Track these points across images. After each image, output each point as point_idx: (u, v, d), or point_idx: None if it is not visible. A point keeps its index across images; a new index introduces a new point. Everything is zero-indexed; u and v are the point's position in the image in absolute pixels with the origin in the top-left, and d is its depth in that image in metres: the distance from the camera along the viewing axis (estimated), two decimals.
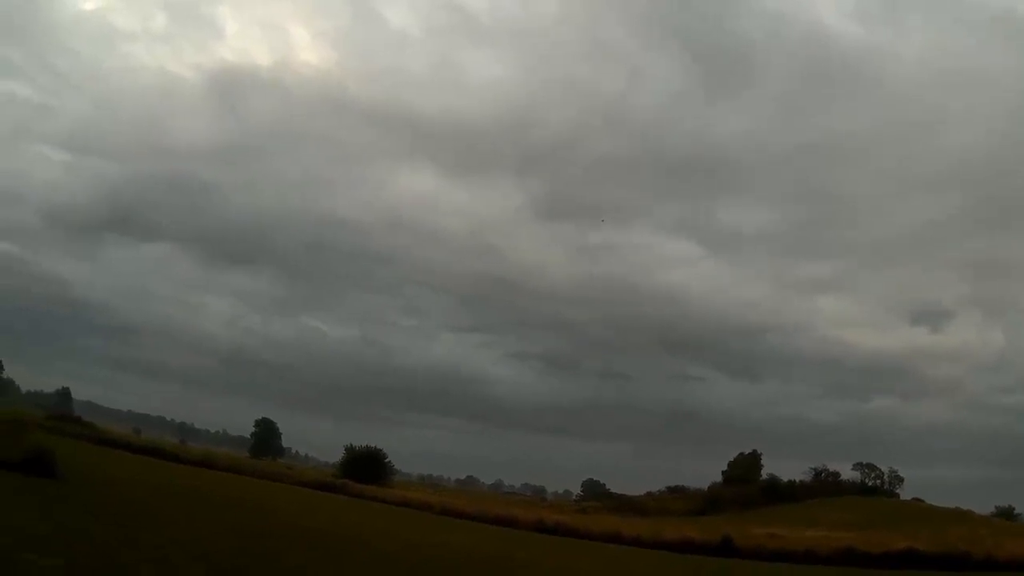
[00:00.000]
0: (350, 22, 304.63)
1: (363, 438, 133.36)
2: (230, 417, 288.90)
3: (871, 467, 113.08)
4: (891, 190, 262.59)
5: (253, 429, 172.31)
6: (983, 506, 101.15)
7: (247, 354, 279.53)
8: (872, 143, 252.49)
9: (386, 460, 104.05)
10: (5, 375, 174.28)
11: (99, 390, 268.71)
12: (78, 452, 48.85)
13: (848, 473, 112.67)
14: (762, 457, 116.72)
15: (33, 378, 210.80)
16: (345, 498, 72.29)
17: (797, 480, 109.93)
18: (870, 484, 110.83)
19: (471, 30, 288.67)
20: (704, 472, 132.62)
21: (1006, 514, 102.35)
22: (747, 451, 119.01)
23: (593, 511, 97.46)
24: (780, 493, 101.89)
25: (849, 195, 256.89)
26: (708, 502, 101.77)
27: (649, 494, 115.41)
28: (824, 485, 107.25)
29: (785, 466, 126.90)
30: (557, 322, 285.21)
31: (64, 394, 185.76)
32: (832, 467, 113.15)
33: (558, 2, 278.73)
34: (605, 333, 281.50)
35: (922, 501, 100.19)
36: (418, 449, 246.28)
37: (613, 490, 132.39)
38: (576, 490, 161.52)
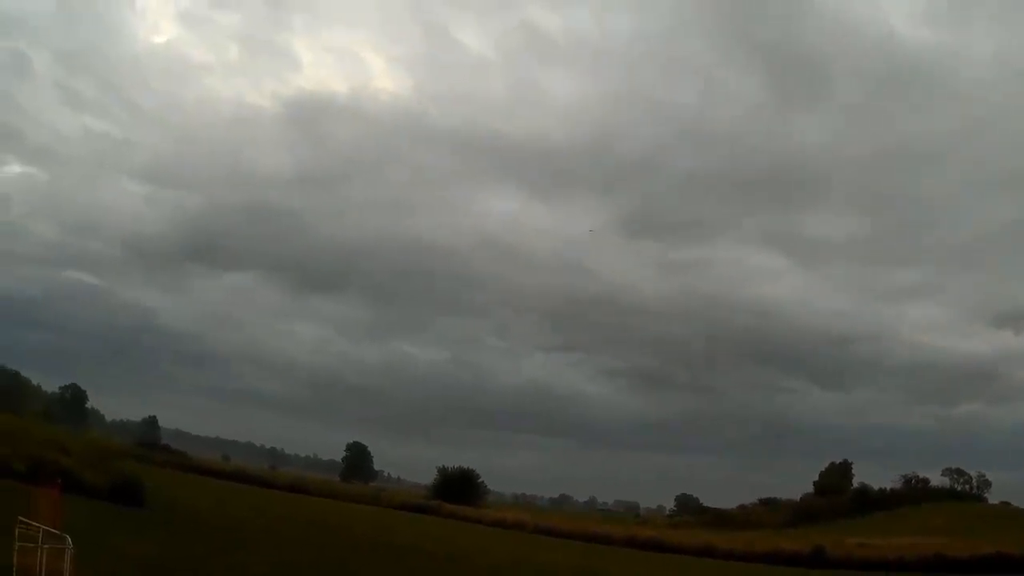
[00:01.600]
0: (424, 47, 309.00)
1: (455, 459, 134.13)
2: (321, 442, 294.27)
3: (959, 472, 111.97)
4: (969, 191, 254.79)
5: (344, 453, 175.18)
6: None
7: (337, 379, 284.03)
8: (948, 145, 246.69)
9: (479, 480, 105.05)
10: (90, 405, 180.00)
11: (187, 418, 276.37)
12: (165, 480, 51.19)
13: (937, 479, 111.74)
14: (852, 466, 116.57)
15: (119, 408, 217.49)
16: (438, 519, 73.62)
17: (887, 488, 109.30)
18: (959, 489, 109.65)
19: (546, 51, 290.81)
20: (796, 483, 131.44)
21: None
22: (838, 461, 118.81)
23: (686, 526, 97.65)
24: (871, 502, 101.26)
25: (928, 199, 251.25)
26: (800, 513, 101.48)
27: (742, 507, 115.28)
28: (914, 492, 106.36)
29: (875, 474, 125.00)
30: (647, 338, 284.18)
31: (151, 423, 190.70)
32: (921, 474, 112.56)
33: (631, 19, 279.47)
34: (695, 347, 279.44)
35: (1010, 504, 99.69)
36: (511, 469, 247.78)
37: (706, 504, 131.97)
38: (669, 505, 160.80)
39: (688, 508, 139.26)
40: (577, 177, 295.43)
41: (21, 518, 18.00)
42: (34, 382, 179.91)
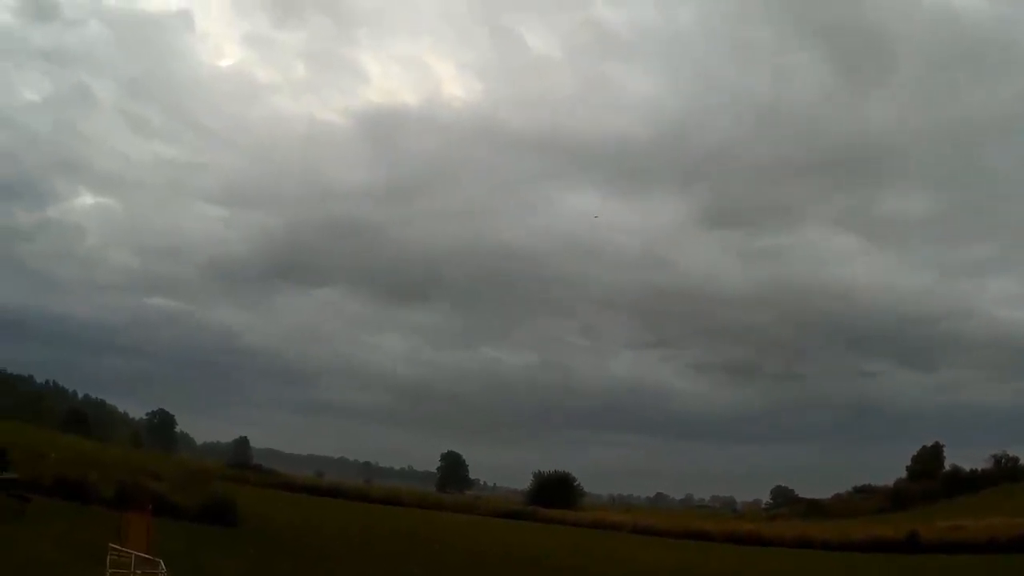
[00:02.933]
0: (492, 52, 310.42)
1: (551, 463, 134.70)
2: (415, 453, 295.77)
3: None
4: None
5: (439, 463, 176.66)
6: None
7: (427, 389, 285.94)
8: (1016, 115, 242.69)
9: (575, 483, 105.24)
10: (179, 429, 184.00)
11: (278, 436, 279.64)
12: (258, 498, 51.94)
13: None
14: (944, 448, 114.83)
15: (209, 430, 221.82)
16: (535, 524, 74.04)
17: (978, 469, 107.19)
18: None
19: (614, 46, 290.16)
20: (889, 468, 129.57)
21: None
22: (928, 443, 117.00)
23: (782, 518, 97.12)
24: (962, 484, 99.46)
25: (1002, 171, 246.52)
26: (894, 499, 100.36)
27: (837, 496, 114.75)
28: (1004, 472, 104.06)
29: (966, 455, 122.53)
30: (733, 329, 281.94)
31: (242, 443, 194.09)
32: (1012, 452, 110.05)
33: (695, 10, 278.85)
34: (782, 335, 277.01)
35: None
36: (606, 469, 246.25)
37: (801, 494, 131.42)
38: (765, 497, 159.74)
39: (784, 500, 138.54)
40: (654, 171, 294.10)
41: (112, 544, 18.44)
42: (121, 409, 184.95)
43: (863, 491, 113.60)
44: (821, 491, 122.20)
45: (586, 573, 37.27)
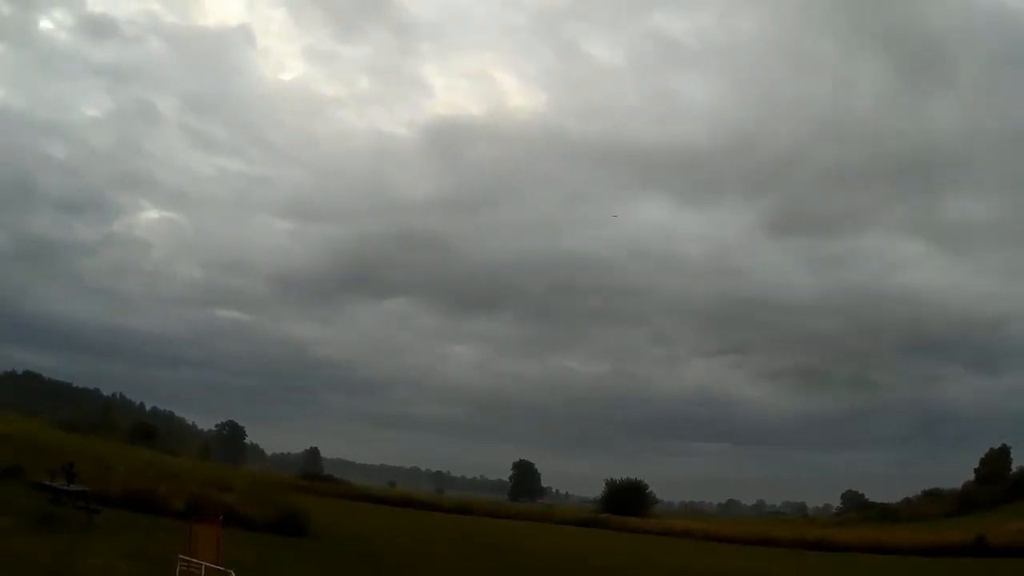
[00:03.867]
0: (556, 63, 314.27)
1: (622, 471, 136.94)
2: (488, 462, 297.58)
3: None
4: None
5: (511, 472, 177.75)
6: None
7: (498, 398, 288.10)
8: None
9: (647, 491, 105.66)
10: (249, 441, 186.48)
11: (350, 447, 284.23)
12: (329, 509, 52.10)
13: None
14: (1011, 451, 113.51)
15: (279, 441, 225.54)
16: (607, 532, 74.28)
17: None
18: None
19: (677, 56, 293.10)
20: (957, 472, 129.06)
21: None
22: (996, 446, 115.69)
23: (852, 523, 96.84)
24: None
25: None
26: (962, 502, 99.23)
27: (906, 500, 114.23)
28: None
29: None
30: (802, 336, 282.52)
31: (313, 454, 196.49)
32: None
33: (755, 17, 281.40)
34: (850, 341, 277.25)
35: None
36: (677, 477, 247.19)
37: (871, 499, 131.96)
38: (836, 503, 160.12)
39: (854, 504, 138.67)
40: (721, 179, 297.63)
41: (182, 556, 18.48)
42: (189, 421, 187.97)
43: (931, 495, 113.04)
44: (890, 496, 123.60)
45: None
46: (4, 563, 19.52)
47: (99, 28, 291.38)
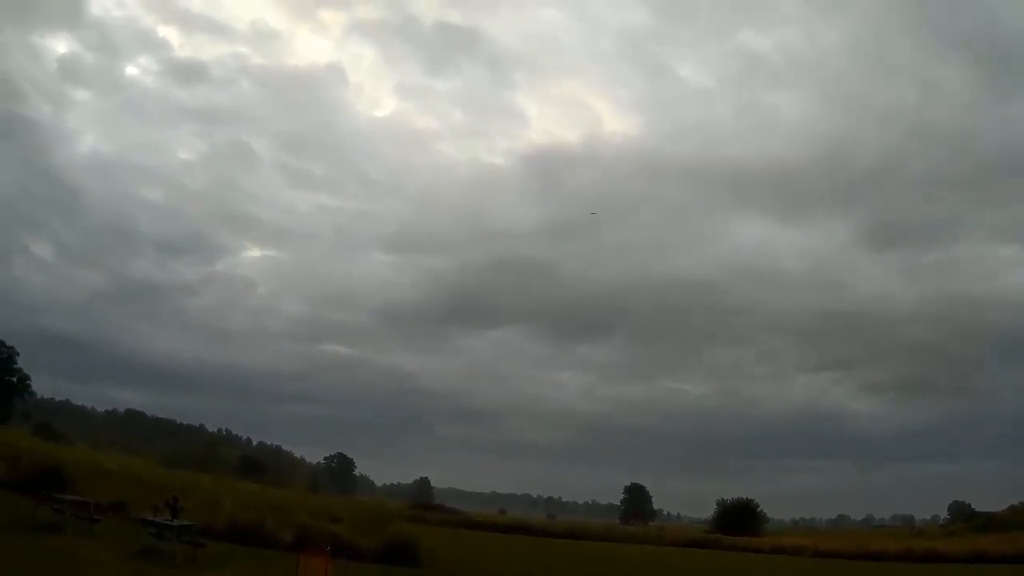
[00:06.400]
0: (647, 86, 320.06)
1: (733, 490, 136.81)
2: (599, 486, 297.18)
3: None
4: None
5: (623, 496, 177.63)
6: None
7: (608, 422, 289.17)
8: None
9: (758, 509, 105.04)
10: (358, 472, 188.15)
11: (460, 476, 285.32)
12: (441, 537, 51.91)
13: None
14: None
15: (389, 472, 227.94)
16: (718, 552, 74.86)
17: None
18: None
19: (764, 72, 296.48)
20: None
21: None
22: None
23: (959, 533, 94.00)
24: None
25: None
26: None
27: (1012, 508, 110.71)
28: None
29: None
30: (903, 346, 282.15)
31: (423, 483, 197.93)
32: None
33: (838, 30, 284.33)
34: (951, 350, 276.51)
35: None
36: (788, 494, 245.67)
37: (978, 508, 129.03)
38: (943, 513, 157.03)
39: (961, 515, 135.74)
40: (816, 193, 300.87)
41: None
42: (297, 455, 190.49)
43: None
44: (998, 504, 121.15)
45: None
46: None
47: (187, 72, 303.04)
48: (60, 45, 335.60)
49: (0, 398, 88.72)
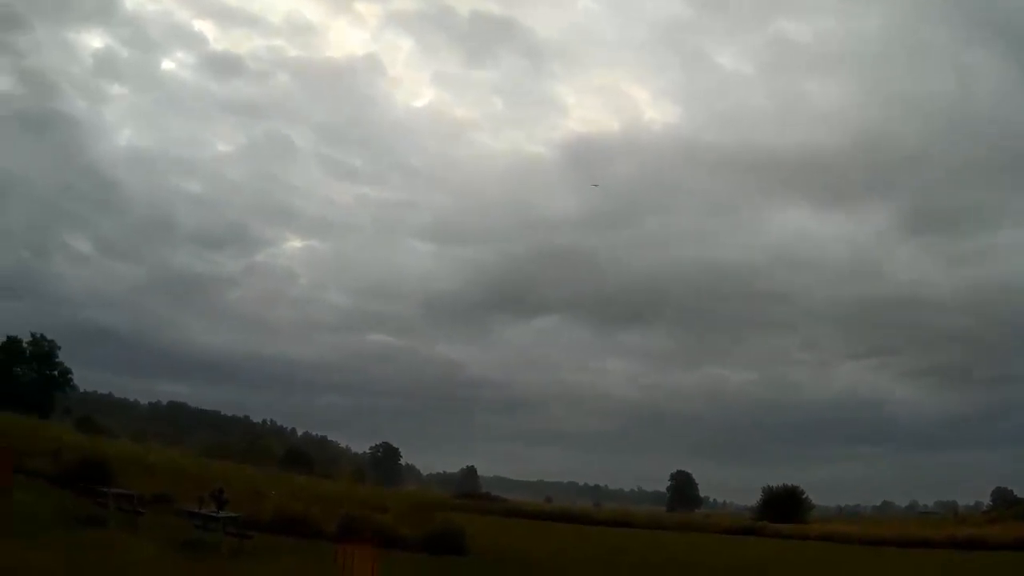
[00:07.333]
0: (685, 74, 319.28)
1: (777, 477, 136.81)
2: (644, 474, 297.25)
3: None
4: None
5: (668, 483, 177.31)
6: None
7: (653, 410, 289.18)
8: None
9: (803, 496, 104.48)
10: (403, 462, 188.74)
11: (506, 464, 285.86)
12: (486, 526, 52.04)
13: None
14: None
15: (435, 462, 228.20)
16: (763, 539, 74.20)
17: None
18: None
19: (801, 60, 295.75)
20: None
21: None
22: None
23: (1002, 519, 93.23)
24: None
25: None
26: None
27: None
28: None
29: None
30: (944, 333, 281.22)
31: (469, 472, 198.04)
32: None
33: (875, 17, 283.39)
34: (991, 336, 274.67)
35: None
36: (833, 481, 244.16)
37: (1021, 495, 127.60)
38: (986, 500, 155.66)
39: (1004, 501, 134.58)
40: (854, 180, 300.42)
41: None
42: (342, 445, 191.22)
43: None
44: None
45: None
46: None
47: (223, 66, 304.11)
48: (95, 40, 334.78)
49: (41, 393, 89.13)
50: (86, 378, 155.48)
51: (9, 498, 27.22)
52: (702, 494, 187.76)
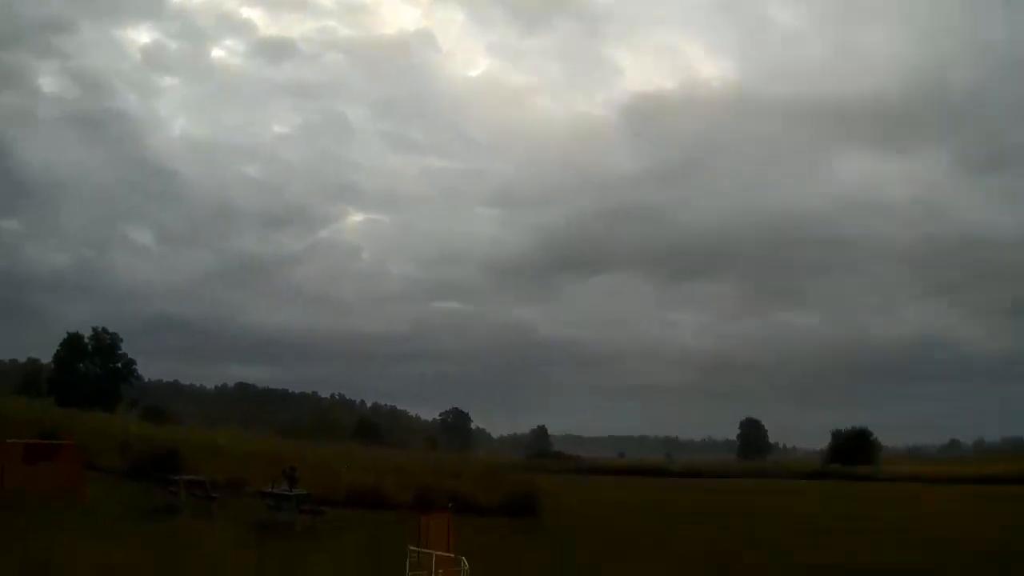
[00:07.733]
0: (739, 30, 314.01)
1: (846, 420, 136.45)
2: (715, 423, 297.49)
3: None
4: None
5: (738, 431, 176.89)
6: None
7: (723, 359, 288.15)
8: None
9: (872, 438, 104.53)
10: (474, 426, 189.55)
11: (577, 422, 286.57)
12: (559, 485, 52.07)
13: None
14: None
15: (506, 424, 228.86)
16: (834, 482, 75.29)
17: None
18: None
19: (855, 10, 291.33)
20: None
21: None
22: None
23: None
24: None
25: None
26: None
27: None
28: None
29: None
30: (1009, 270, 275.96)
31: (540, 432, 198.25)
32: None
33: None
34: None
35: None
36: (901, 422, 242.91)
37: None
38: None
39: None
40: (915, 124, 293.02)
41: (411, 547, 18.19)
42: (412, 413, 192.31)
43: None
44: None
45: (890, 525, 37.62)
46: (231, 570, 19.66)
47: (275, 50, 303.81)
48: (142, 36, 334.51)
49: (106, 386, 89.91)
50: (154, 367, 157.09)
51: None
52: (772, 440, 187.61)
